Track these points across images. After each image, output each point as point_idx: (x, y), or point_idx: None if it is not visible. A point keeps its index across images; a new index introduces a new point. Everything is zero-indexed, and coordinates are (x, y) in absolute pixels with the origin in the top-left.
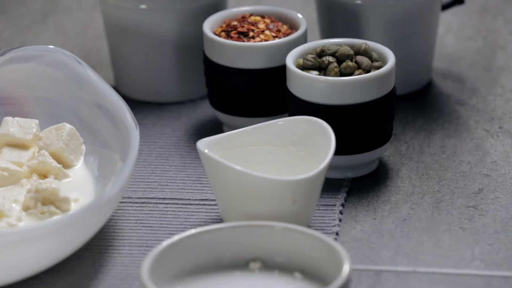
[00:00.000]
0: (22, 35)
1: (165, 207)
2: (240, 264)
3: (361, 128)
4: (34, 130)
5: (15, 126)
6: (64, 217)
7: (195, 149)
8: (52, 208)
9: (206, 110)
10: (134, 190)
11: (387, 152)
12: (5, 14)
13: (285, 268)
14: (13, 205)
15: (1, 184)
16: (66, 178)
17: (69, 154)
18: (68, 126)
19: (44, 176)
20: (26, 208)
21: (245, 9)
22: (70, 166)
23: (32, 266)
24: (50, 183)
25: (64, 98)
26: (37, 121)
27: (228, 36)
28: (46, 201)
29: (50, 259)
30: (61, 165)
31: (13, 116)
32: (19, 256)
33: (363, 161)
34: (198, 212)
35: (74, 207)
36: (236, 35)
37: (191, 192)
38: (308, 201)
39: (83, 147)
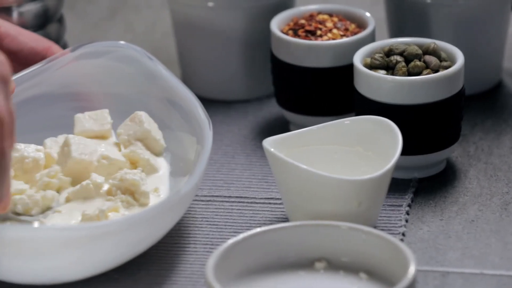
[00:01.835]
0: (90, 32)
1: (231, 205)
2: (305, 264)
3: (429, 128)
4: (108, 118)
5: (88, 120)
6: (138, 213)
7: (261, 147)
8: (129, 198)
9: (272, 109)
10: (200, 188)
11: (455, 152)
12: (74, 11)
13: (350, 268)
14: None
15: (99, 172)
16: (153, 172)
17: (155, 135)
18: (140, 113)
19: (135, 165)
20: (108, 194)
21: (313, 7)
22: (161, 148)
23: (104, 262)
24: (135, 174)
25: (135, 93)
26: (107, 110)
27: (296, 34)
28: (126, 191)
29: (123, 256)
30: (148, 158)
31: (83, 112)
32: (91, 252)
33: (431, 161)
34: (264, 210)
35: (152, 199)
36: (304, 34)
37: (256, 191)
38: (374, 201)
39: (160, 132)
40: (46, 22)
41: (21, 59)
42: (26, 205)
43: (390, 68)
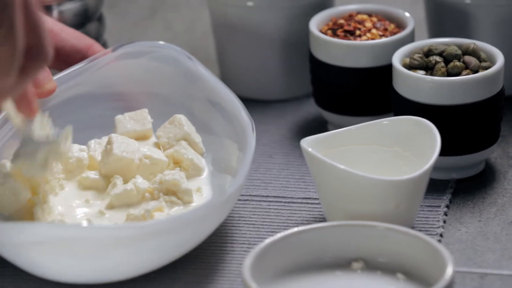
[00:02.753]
0: (130, 31)
1: (268, 205)
2: (342, 264)
3: (468, 128)
4: (149, 118)
5: (129, 121)
6: (184, 213)
7: (299, 147)
8: (173, 198)
9: (310, 108)
10: None
11: (494, 153)
12: (114, 10)
13: (387, 269)
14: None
15: (141, 172)
16: (197, 171)
17: (194, 137)
18: (179, 116)
19: (179, 165)
20: (151, 198)
21: (352, 7)
22: (200, 152)
23: (150, 262)
24: (174, 174)
25: (175, 93)
26: (146, 109)
27: (335, 34)
28: (169, 192)
29: (168, 257)
30: (192, 158)
31: (122, 112)
32: (138, 252)
33: (469, 162)
34: (301, 210)
35: (196, 199)
36: (343, 34)
37: (294, 191)
38: (411, 201)
39: (198, 135)
40: (86, 21)
41: (63, 56)
42: None
43: (429, 69)
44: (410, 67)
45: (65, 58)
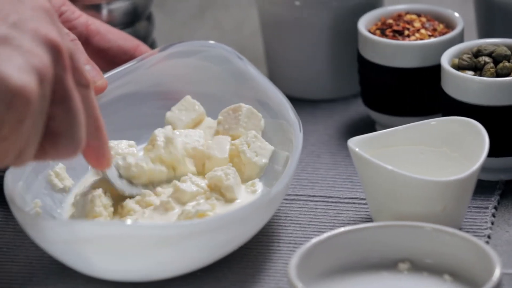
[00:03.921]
0: (179, 30)
1: (315, 205)
2: (388, 265)
3: None
4: (196, 101)
5: (181, 113)
6: (229, 213)
7: (346, 147)
8: (216, 195)
9: (358, 108)
10: None
11: None
12: (164, 9)
13: (434, 270)
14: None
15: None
16: (252, 167)
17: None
18: (245, 107)
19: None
20: (204, 193)
21: (401, 7)
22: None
23: (194, 261)
24: (216, 171)
25: (225, 93)
26: (188, 96)
27: (383, 34)
28: (215, 188)
29: (212, 256)
30: (250, 157)
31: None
32: (182, 251)
33: None
34: (348, 210)
35: (245, 195)
36: (391, 34)
37: (341, 190)
38: (459, 203)
39: (262, 121)
40: (135, 20)
41: (110, 57)
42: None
43: (478, 69)
44: (459, 67)
45: (112, 59)
